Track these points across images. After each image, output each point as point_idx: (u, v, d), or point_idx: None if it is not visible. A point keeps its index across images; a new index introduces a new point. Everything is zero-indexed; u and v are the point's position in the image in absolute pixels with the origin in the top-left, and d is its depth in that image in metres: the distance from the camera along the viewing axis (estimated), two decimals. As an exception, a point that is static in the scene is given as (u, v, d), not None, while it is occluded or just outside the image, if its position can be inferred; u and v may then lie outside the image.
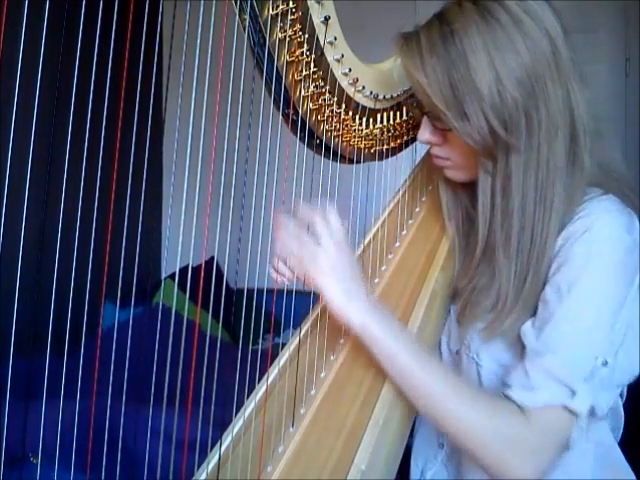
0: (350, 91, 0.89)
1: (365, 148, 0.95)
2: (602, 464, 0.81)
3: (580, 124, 0.76)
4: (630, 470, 0.88)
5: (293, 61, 0.81)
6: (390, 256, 0.96)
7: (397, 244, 0.97)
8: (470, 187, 0.87)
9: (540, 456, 0.71)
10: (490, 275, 0.81)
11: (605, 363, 0.72)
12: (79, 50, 0.65)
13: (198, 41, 0.68)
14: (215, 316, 1.98)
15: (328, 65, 0.85)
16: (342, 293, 0.75)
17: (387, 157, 0.98)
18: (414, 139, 1.02)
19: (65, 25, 0.65)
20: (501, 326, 0.79)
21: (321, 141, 0.90)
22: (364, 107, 0.92)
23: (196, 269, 0.80)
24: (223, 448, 0.73)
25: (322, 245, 0.75)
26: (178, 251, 0.77)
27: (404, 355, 0.74)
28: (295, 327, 0.87)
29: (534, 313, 0.77)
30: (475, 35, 0.72)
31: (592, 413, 0.74)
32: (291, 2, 0.77)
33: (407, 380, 0.75)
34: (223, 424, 0.76)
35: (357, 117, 0.92)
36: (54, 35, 0.70)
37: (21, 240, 0.64)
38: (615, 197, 0.78)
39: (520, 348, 0.79)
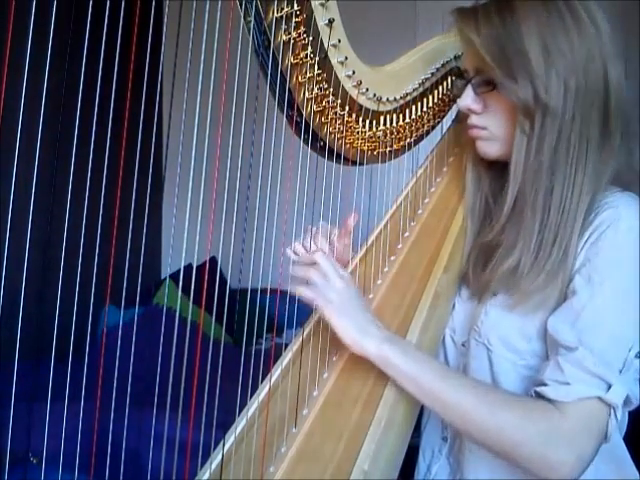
0: (354, 93, 0.89)
1: (368, 150, 0.96)
2: (606, 458, 0.81)
3: (613, 109, 0.80)
4: (633, 466, 0.89)
5: (297, 63, 0.81)
6: (393, 257, 0.96)
7: (400, 246, 0.98)
8: (493, 176, 0.91)
9: (581, 447, 0.72)
10: (515, 235, 0.82)
11: (639, 355, 0.73)
12: (86, 42, 0.65)
13: (203, 43, 0.69)
14: (217, 316, 1.98)
15: (332, 67, 0.85)
16: (354, 325, 0.77)
17: (390, 159, 0.98)
18: (417, 141, 1.03)
19: (69, 35, 0.65)
20: (527, 288, 0.79)
21: (324, 143, 0.90)
22: (367, 109, 0.93)
23: (197, 269, 0.81)
24: (226, 448, 0.74)
25: (329, 281, 0.78)
26: (180, 251, 0.77)
27: (427, 376, 0.76)
28: (297, 328, 0.87)
29: (558, 299, 0.78)
30: (531, 13, 0.79)
31: (627, 403, 0.75)
32: (295, 4, 0.78)
33: (437, 400, 0.76)
34: (226, 425, 0.76)
35: (360, 119, 0.92)
36: (57, 47, 0.70)
37: (27, 242, 0.64)
38: (633, 194, 0.81)
39: (534, 333, 0.80)
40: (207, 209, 0.73)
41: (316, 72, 0.83)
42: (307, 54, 0.81)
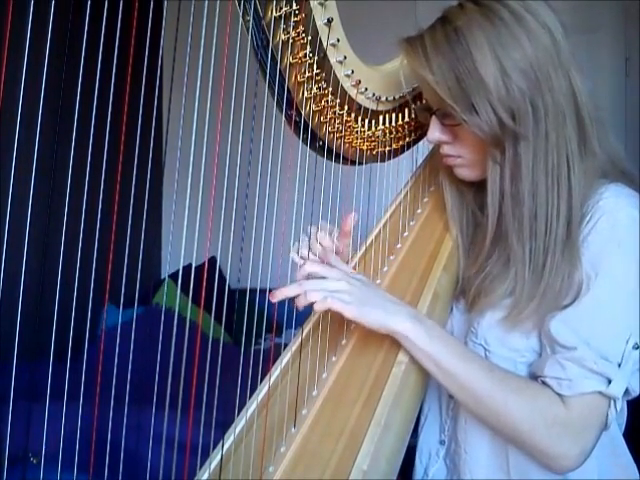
0: (352, 93, 0.89)
1: (367, 150, 0.96)
2: (607, 452, 0.83)
3: (585, 111, 0.78)
4: (632, 461, 0.89)
5: (296, 63, 0.81)
6: (392, 257, 0.96)
7: (399, 245, 0.98)
8: (476, 188, 0.89)
9: (584, 438, 0.74)
10: (504, 262, 0.82)
11: (637, 347, 0.74)
12: (85, 34, 0.65)
13: (201, 42, 0.69)
14: (216, 316, 1.98)
15: (331, 67, 0.85)
16: (378, 309, 0.76)
17: (389, 159, 0.98)
18: (416, 141, 1.02)
19: (69, 31, 0.65)
20: (522, 312, 0.79)
21: (323, 142, 0.90)
22: (366, 109, 0.93)
23: (197, 269, 0.81)
24: (225, 448, 0.74)
25: (330, 281, 0.77)
26: (179, 251, 0.77)
27: (447, 355, 0.76)
28: (296, 328, 0.87)
29: (555, 302, 0.78)
30: (478, 32, 0.75)
31: (626, 393, 0.76)
32: (294, 4, 0.78)
33: (453, 379, 0.77)
34: (225, 424, 0.76)
35: (359, 119, 0.93)
36: (56, 47, 0.70)
37: (25, 242, 0.64)
38: (622, 184, 0.80)
39: (531, 327, 0.80)
40: (206, 209, 0.72)
41: (315, 71, 0.83)
42: (306, 53, 0.81)
